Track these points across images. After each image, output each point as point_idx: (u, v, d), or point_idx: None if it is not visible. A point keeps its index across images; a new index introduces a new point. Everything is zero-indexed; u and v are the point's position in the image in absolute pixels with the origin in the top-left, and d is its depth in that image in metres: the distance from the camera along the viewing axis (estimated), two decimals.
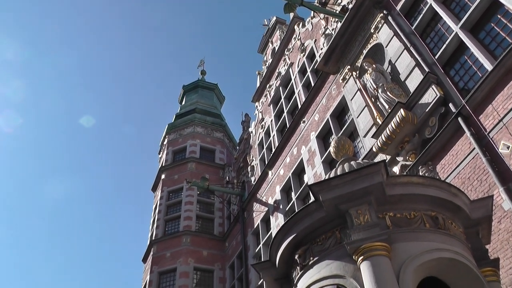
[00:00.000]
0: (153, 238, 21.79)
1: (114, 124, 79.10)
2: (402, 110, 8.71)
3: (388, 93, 9.52)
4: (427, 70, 8.87)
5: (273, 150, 17.65)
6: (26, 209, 72.25)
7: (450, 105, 8.20)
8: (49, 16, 74.79)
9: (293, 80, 17.80)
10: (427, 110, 8.53)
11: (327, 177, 4.92)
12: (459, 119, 7.80)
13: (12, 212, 71.56)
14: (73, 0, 72.92)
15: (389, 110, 9.17)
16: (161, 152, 27.87)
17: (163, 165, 25.26)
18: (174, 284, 19.47)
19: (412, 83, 9.25)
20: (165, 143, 27.17)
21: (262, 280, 15.54)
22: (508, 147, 6.96)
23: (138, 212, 72.65)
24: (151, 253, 21.26)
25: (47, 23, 75.63)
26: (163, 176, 24.56)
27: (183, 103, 31.87)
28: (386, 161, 7.44)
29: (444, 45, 8.96)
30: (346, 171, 4.93)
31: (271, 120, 19.24)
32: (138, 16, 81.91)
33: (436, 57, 9.02)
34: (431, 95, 8.55)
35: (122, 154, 78.07)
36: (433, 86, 8.55)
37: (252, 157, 20.57)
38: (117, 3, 79.55)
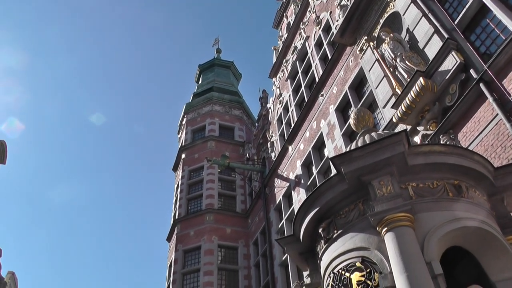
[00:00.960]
0: (177, 217, 22.04)
1: (134, 107, 79.57)
2: (421, 79, 8.57)
3: (406, 62, 9.36)
4: (446, 36, 8.66)
5: (292, 125, 17.59)
6: (57, 194, 73.62)
7: (471, 71, 8.02)
8: (54, 10, 74.94)
9: (309, 54, 17.61)
10: (447, 77, 8.36)
11: (348, 150, 4.88)
12: (481, 84, 7.62)
13: (46, 192, 72.99)
14: None
15: (408, 79, 9.03)
16: (180, 132, 27.99)
17: (183, 144, 25.38)
18: (199, 261, 19.73)
19: (431, 51, 9.06)
20: (183, 123, 27.26)
21: (286, 255, 15.67)
22: None
23: (160, 192, 73.46)
24: (175, 232, 21.53)
25: (52, 19, 75.83)
26: (183, 156, 24.70)
27: (200, 82, 31.82)
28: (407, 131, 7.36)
29: (464, 9, 8.71)
30: (367, 142, 4.88)
31: (289, 95, 19.13)
32: None
33: (456, 22, 8.79)
34: (451, 62, 8.38)
35: (142, 136, 78.73)
36: (453, 53, 8.36)
37: (272, 133, 20.55)
38: None
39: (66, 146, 75.22)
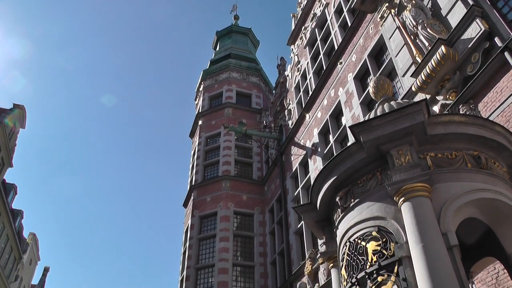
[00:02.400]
0: (193, 184, 22.25)
1: (151, 73, 79.60)
2: (443, 47, 8.40)
3: (428, 29, 9.16)
4: (471, 3, 8.42)
5: (310, 93, 17.48)
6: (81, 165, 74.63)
7: (496, 39, 7.80)
8: None
9: (329, 21, 17.33)
10: (469, 45, 8.16)
11: (367, 118, 4.84)
12: (506, 53, 7.41)
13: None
14: None
15: (429, 48, 8.85)
16: (197, 99, 28.01)
17: (200, 111, 25.42)
18: (215, 227, 19.99)
19: (454, 18, 8.83)
20: (201, 89, 27.24)
21: (301, 223, 15.80)
22: None
23: (176, 158, 74.10)
24: (192, 198, 21.77)
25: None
26: (200, 122, 24.77)
27: (217, 49, 31.64)
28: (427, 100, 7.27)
29: None
30: (386, 111, 4.83)
31: (307, 63, 18.95)
32: None
33: None
34: (474, 30, 8.17)
35: (159, 103, 78.96)
36: (477, 20, 8.14)
37: (289, 100, 20.46)
38: None
39: (90, 115, 75.89)
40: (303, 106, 18.01)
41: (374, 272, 4.19)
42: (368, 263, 4.28)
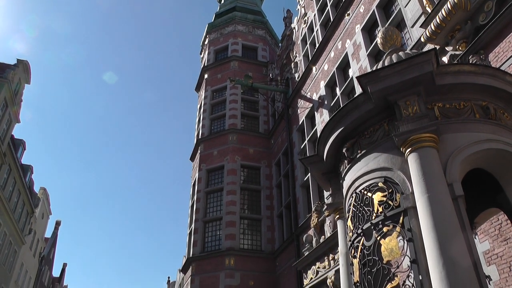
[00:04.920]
0: (200, 137, 22.34)
1: (156, 26, 78.65)
2: None
3: None
4: None
5: (317, 45, 17.25)
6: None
7: None
8: None
9: None
10: None
11: (375, 69, 4.76)
12: None
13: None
14: None
15: None
16: (203, 52, 27.76)
17: (205, 65, 25.24)
18: (222, 181, 20.18)
19: None
20: (206, 43, 26.96)
21: (307, 176, 15.90)
22: None
23: (182, 112, 74.22)
24: (199, 151, 21.90)
25: None
26: (206, 76, 24.64)
27: (222, 1, 31.08)
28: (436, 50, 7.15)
29: None
30: (394, 62, 4.75)
31: (314, 15, 18.60)
32: None
33: None
34: None
35: (164, 57, 78.30)
36: None
37: (296, 53, 20.22)
38: None
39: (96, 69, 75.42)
40: (310, 58, 17.82)
41: (380, 222, 4.22)
42: (374, 214, 4.31)
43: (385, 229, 4.17)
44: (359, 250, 4.43)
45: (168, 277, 55.94)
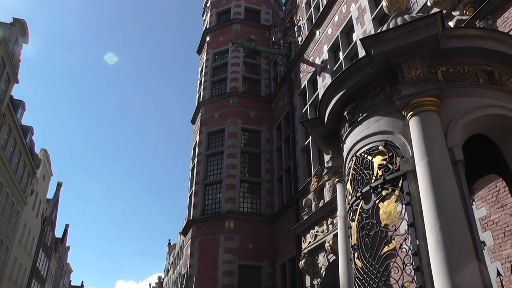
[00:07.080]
0: (201, 100, 22.27)
1: None
2: None
3: None
4: None
5: (321, 8, 16.99)
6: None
7: None
8: None
9: None
10: None
11: (379, 31, 4.68)
12: None
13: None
14: None
15: None
16: (205, 15, 27.38)
17: (207, 27, 24.94)
18: (223, 144, 20.21)
19: None
20: (208, 5, 26.57)
21: (308, 140, 15.91)
22: None
23: (184, 75, 73.81)
24: (200, 114, 21.87)
25: None
26: (207, 39, 24.38)
27: None
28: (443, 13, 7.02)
29: None
30: (399, 24, 4.66)
31: None
32: None
33: None
34: None
35: (165, 19, 77.30)
36: None
37: (299, 16, 19.93)
38: None
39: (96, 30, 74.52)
40: (314, 22, 17.58)
41: (379, 186, 4.24)
42: (373, 177, 4.32)
43: (384, 193, 4.18)
44: (357, 213, 4.46)
45: (169, 240, 56.78)
